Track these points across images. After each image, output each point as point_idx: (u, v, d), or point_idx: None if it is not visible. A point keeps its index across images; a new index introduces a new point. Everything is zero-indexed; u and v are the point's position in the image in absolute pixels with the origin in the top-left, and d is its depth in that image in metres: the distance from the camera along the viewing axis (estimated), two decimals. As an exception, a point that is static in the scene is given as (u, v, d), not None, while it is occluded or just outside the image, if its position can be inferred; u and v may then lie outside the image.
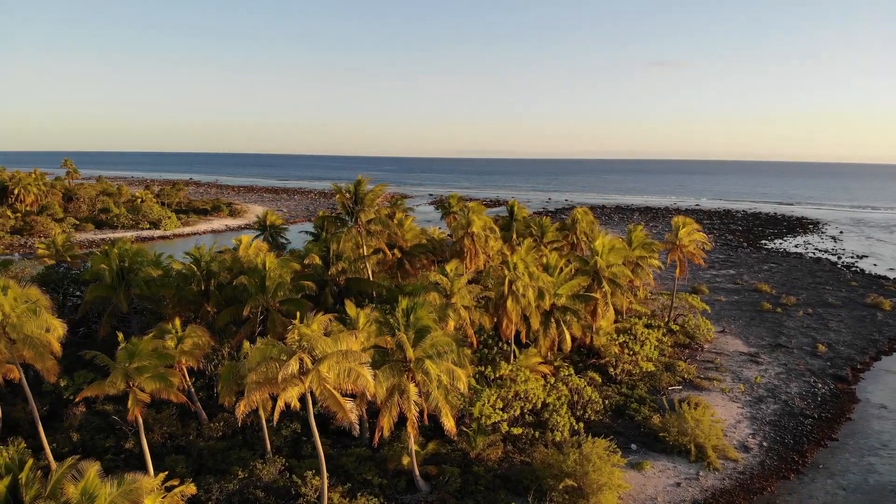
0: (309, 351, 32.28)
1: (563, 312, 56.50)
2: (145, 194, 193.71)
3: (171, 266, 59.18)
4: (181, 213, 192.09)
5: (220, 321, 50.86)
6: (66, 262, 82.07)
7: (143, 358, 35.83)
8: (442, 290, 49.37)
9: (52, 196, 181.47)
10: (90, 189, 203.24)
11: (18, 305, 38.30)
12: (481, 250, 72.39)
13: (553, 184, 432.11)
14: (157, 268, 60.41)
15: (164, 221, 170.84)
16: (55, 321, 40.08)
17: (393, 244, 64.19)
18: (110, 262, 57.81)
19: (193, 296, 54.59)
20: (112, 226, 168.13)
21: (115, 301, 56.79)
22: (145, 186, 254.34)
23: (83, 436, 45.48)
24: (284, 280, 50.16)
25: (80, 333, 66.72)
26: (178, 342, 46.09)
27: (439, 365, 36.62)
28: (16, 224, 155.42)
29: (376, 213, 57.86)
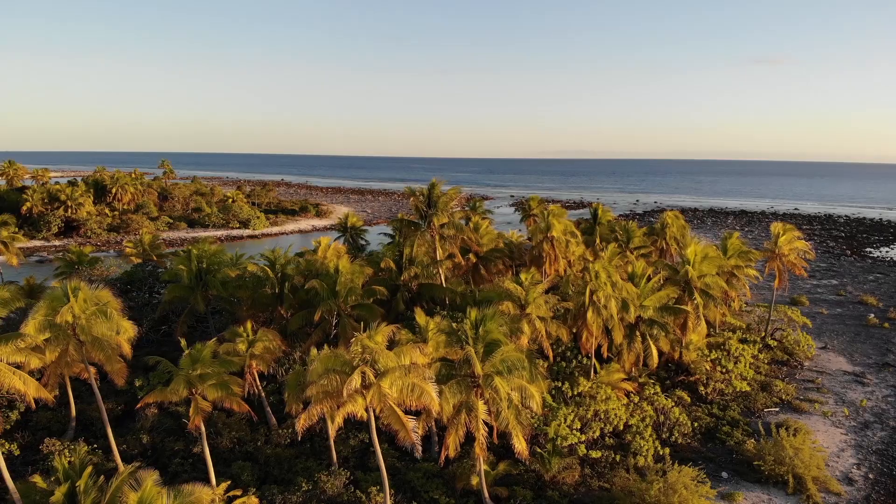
0: (371, 364, 30.52)
1: (650, 326, 52.66)
2: (236, 194, 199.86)
3: (246, 268, 59.24)
4: (270, 213, 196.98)
5: (293, 325, 50.19)
6: (153, 261, 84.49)
7: (206, 365, 35.11)
8: (516, 299, 46.75)
9: (148, 195, 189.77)
10: (184, 189, 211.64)
11: (88, 307, 38.46)
12: (561, 255, 69.27)
13: (641, 185, 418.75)
14: (235, 269, 60.76)
15: (253, 221, 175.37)
16: (126, 323, 40.16)
17: (467, 249, 62.00)
18: (189, 262, 58.52)
19: (267, 299, 54.27)
20: (203, 225, 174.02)
21: (192, 301, 57.33)
22: (237, 187, 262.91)
23: (153, 438, 45.62)
24: (355, 285, 48.94)
25: (162, 331, 68.15)
26: (249, 346, 45.65)
27: (510, 382, 34.10)
28: (113, 221, 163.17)
29: (450, 217, 55.84)
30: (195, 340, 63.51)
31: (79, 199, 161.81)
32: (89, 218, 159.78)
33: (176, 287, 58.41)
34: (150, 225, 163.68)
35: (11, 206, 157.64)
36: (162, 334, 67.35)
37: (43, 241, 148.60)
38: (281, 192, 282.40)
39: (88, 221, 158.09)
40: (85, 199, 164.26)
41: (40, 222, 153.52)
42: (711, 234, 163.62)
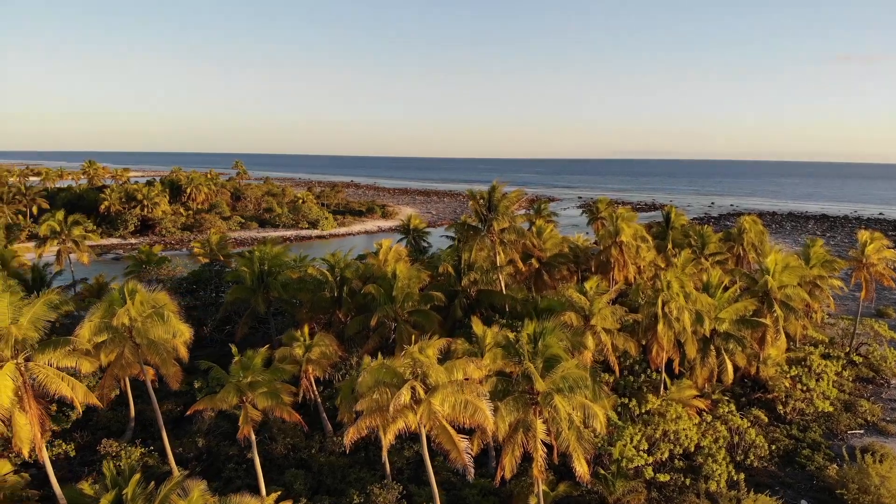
0: (422, 379, 29.02)
1: (725, 339, 49.28)
2: (306, 195, 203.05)
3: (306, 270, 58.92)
4: (338, 213, 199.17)
5: (350, 330, 49.36)
6: (220, 261, 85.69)
7: (256, 373, 34.40)
8: (580, 309, 44.39)
9: (222, 195, 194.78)
10: (256, 189, 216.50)
11: (145, 309, 38.45)
12: (630, 261, 66.19)
13: (716, 187, 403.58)
14: (296, 271, 60.62)
15: (321, 222, 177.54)
16: (182, 326, 40.01)
17: (529, 254, 59.84)
18: (251, 264, 58.61)
19: (326, 302, 53.72)
20: (274, 225, 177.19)
21: (254, 303, 57.37)
22: (308, 188, 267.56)
23: (209, 441, 45.51)
24: (412, 291, 47.66)
25: (226, 331, 68.80)
26: (306, 350, 45.06)
27: (571, 400, 31.93)
28: (187, 221, 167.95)
29: (511, 222, 53.82)
30: (257, 342, 64.38)
31: (155, 198, 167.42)
32: (164, 217, 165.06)
33: (238, 288, 58.64)
34: (222, 224, 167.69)
35: (91, 204, 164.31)
36: (225, 334, 67.97)
37: (119, 239, 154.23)
38: (350, 194, 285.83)
39: (163, 220, 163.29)
40: (161, 198, 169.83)
41: (118, 221, 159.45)
42: (791, 239, 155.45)
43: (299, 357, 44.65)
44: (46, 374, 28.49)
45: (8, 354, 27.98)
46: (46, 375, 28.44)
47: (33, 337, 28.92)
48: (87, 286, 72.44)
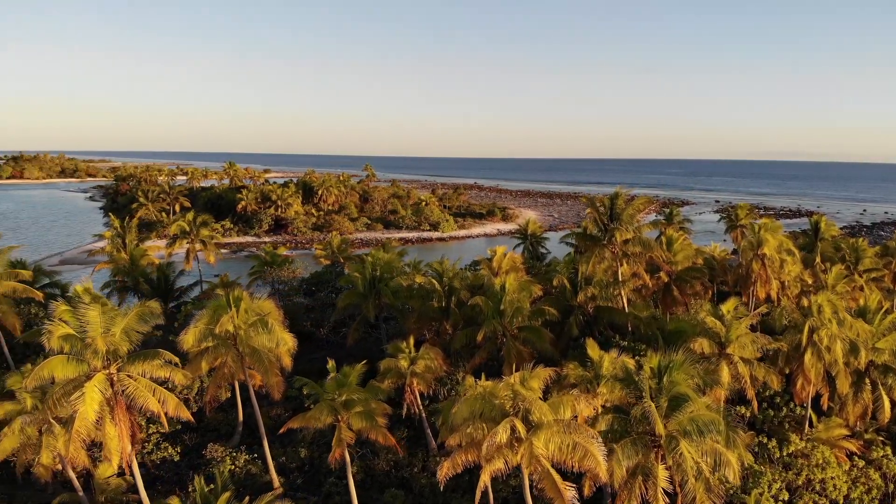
0: (524, 415, 25.77)
1: (884, 372, 42.16)
2: (429, 198, 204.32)
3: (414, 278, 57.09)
4: (459, 216, 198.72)
5: (456, 343, 46.81)
6: (340, 263, 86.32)
7: (352, 391, 32.53)
8: (714, 335, 39.20)
9: (350, 197, 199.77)
10: (383, 192, 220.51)
11: (249, 317, 37.80)
12: (773, 276, 59.21)
13: (871, 192, 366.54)
14: (407, 278, 59.05)
15: (442, 224, 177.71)
16: (286, 335, 39.09)
17: (657, 267, 54.58)
18: (364, 270, 57.67)
19: (434, 312, 51.56)
20: (398, 226, 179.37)
21: (364, 309, 56.34)
22: (432, 190, 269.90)
23: (312, 452, 44.46)
24: (522, 305, 44.35)
25: (342, 333, 68.59)
26: (411, 363, 43.07)
27: (700, 446, 27.50)
28: (317, 221, 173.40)
29: (636, 232, 49.00)
30: (369, 347, 63.53)
31: (288, 199, 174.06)
32: (296, 217, 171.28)
33: (350, 294, 57.88)
34: (349, 225, 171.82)
35: (229, 204, 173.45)
36: (341, 336, 67.74)
37: (254, 237, 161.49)
38: (472, 196, 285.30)
39: (295, 220, 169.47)
40: (294, 199, 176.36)
41: (253, 220, 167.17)
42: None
43: (404, 369, 42.76)
44: (136, 387, 28.00)
45: (98, 365, 27.74)
46: (136, 388, 27.95)
47: (125, 348, 28.55)
48: (211, 285, 74.93)
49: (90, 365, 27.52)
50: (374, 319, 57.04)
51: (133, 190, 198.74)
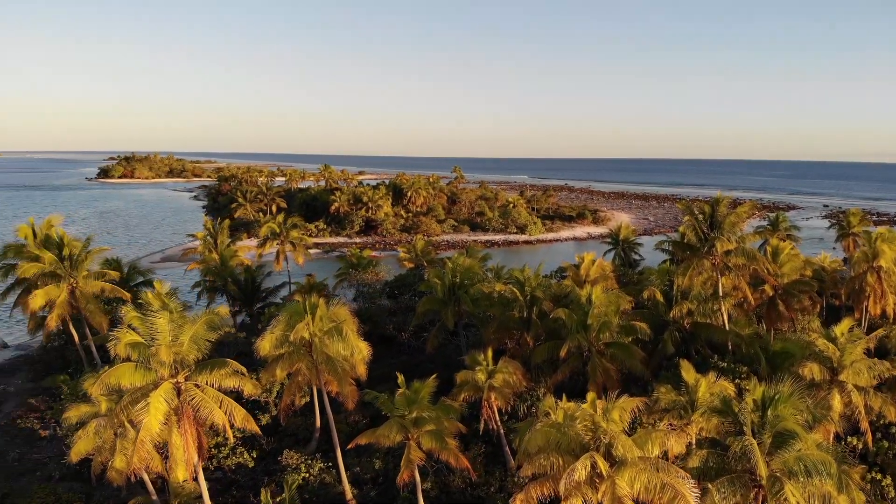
0: (605, 450, 23.27)
1: None
2: (517, 199, 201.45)
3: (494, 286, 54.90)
4: (547, 218, 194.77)
5: (537, 357, 44.37)
6: (424, 266, 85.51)
7: (423, 408, 30.87)
8: (825, 360, 35.03)
9: (438, 199, 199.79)
10: (470, 193, 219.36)
11: (325, 325, 36.96)
12: (890, 291, 53.59)
13: None
14: (489, 285, 57.09)
15: (529, 227, 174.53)
16: (361, 343, 38.12)
17: (760, 280, 50.09)
18: (444, 275, 56.22)
19: (514, 323, 49.26)
20: (484, 229, 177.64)
21: (443, 316, 54.84)
22: (520, 192, 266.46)
23: (387, 463, 43.13)
24: (610, 319, 41.38)
25: (423, 339, 67.51)
26: (489, 376, 41.07)
27: (806, 488, 24.12)
28: (406, 223, 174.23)
29: (739, 242, 44.91)
30: (449, 354, 62.00)
31: (378, 201, 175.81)
32: (386, 219, 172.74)
33: (429, 300, 56.53)
34: (436, 227, 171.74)
35: (323, 205, 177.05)
36: (422, 341, 66.69)
37: (346, 238, 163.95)
38: (562, 197, 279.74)
39: (385, 222, 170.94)
40: (384, 201, 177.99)
41: (345, 221, 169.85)
42: None
43: (481, 383, 40.79)
44: (202, 398, 27.42)
45: (166, 374, 27.36)
46: (202, 399, 27.38)
47: (193, 356, 28.07)
48: (299, 286, 75.69)
49: (157, 373, 27.21)
50: (453, 327, 55.41)
51: (234, 190, 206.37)
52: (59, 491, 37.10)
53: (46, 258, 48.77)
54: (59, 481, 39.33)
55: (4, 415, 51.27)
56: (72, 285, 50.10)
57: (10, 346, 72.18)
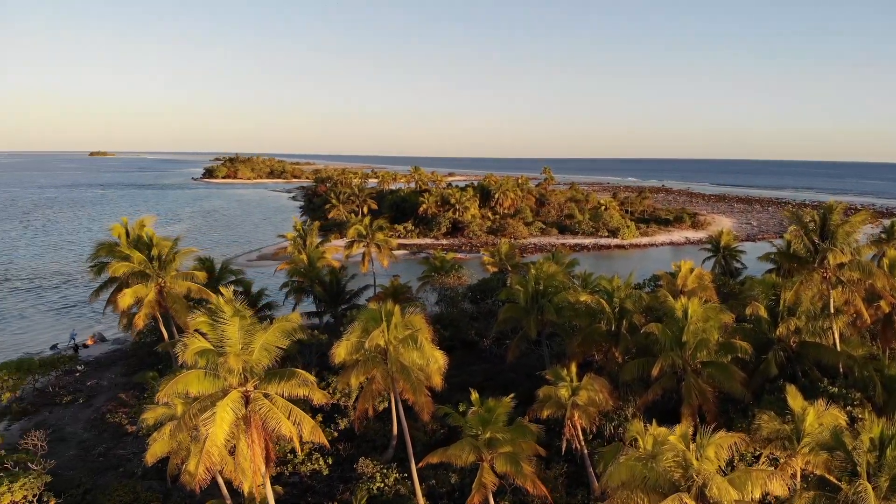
0: (697, 491, 20.78)
1: None
2: (609, 202, 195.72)
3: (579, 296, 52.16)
4: (642, 222, 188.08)
5: (626, 374, 41.59)
6: (508, 271, 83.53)
7: (497, 428, 29.08)
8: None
9: (526, 201, 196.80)
10: (560, 195, 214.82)
11: (400, 332, 35.87)
12: None
13: None
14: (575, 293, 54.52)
15: (622, 230, 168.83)
16: (437, 353, 36.74)
17: (876, 295, 45.17)
18: (526, 283, 54.14)
19: (601, 336, 46.55)
20: (574, 231, 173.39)
21: (525, 325, 52.74)
22: (613, 194, 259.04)
23: (463, 478, 41.54)
24: (708, 337, 38.15)
25: (505, 346, 65.67)
26: (572, 393, 38.83)
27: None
28: (492, 225, 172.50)
29: (854, 254, 40.48)
30: (531, 364, 59.83)
31: (465, 202, 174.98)
32: (472, 220, 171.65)
33: (511, 307, 54.53)
34: (523, 230, 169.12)
35: (412, 207, 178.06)
36: (504, 348, 64.87)
37: (433, 240, 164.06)
38: (659, 199, 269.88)
39: (472, 224, 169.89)
40: (471, 202, 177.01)
41: (433, 222, 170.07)
42: None
43: (564, 400, 38.59)
44: (270, 408, 26.72)
45: (234, 382, 26.85)
46: (270, 409, 26.68)
47: (263, 364, 27.48)
48: (383, 289, 75.50)
49: (226, 381, 26.79)
50: (535, 336, 53.23)
51: (328, 192, 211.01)
52: (139, 489, 37.77)
53: (136, 258, 50.26)
54: (140, 479, 40.11)
55: (95, 409, 53.23)
56: (160, 285, 51.50)
57: (108, 340, 75.68)
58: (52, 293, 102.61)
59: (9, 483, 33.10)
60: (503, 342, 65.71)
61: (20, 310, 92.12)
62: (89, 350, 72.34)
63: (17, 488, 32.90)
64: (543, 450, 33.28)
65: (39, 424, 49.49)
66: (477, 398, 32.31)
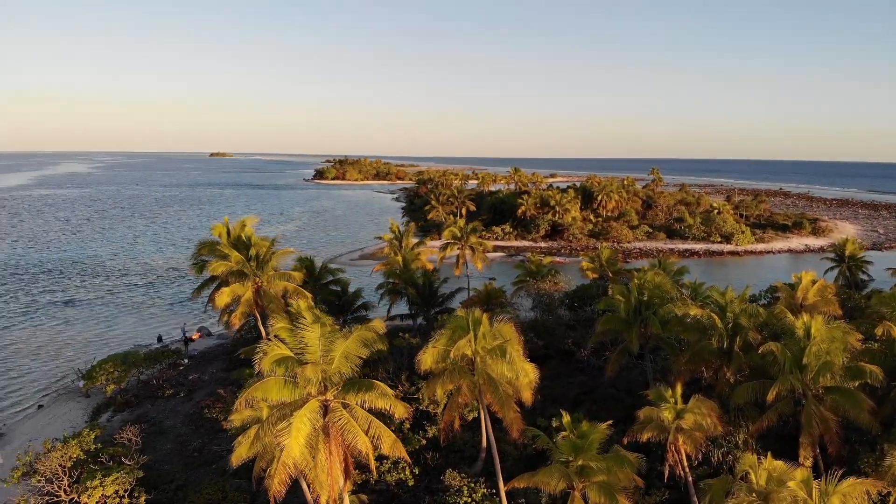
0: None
1: None
2: (722, 205, 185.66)
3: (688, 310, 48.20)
4: (758, 227, 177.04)
5: (738, 398, 37.75)
6: (609, 278, 79.83)
7: (589, 456, 26.64)
8: None
9: (632, 203, 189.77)
10: (669, 197, 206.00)
11: (488, 342, 34.05)
12: None
13: None
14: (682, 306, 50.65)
15: (736, 236, 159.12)
16: (527, 366, 34.77)
17: None
18: (628, 293, 50.81)
19: (711, 354, 42.69)
20: (683, 236, 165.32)
21: (626, 339, 49.47)
22: (726, 197, 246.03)
23: (554, 500, 39.16)
24: (831, 360, 33.93)
25: (604, 358, 62.43)
26: (677, 416, 35.65)
27: None
28: (594, 228, 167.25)
29: None
30: (633, 380, 56.36)
31: (566, 204, 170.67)
32: (573, 223, 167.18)
33: (611, 318, 51.25)
34: (628, 233, 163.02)
35: (510, 209, 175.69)
36: (603, 360, 61.65)
37: (531, 242, 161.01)
38: (776, 204, 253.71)
39: (572, 227, 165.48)
40: (572, 205, 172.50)
41: (531, 224, 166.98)
42: None
43: (667, 423, 35.44)
44: (348, 420, 25.59)
45: (313, 392, 25.90)
46: (348, 421, 25.55)
47: (343, 373, 26.38)
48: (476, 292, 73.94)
49: (305, 390, 25.92)
50: (637, 350, 49.82)
51: (429, 193, 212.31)
52: (227, 488, 37.88)
53: (234, 257, 51.15)
54: (231, 477, 40.29)
55: (194, 403, 54.59)
56: (257, 284, 52.21)
57: (213, 335, 78.31)
58: (165, 288, 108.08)
59: (101, 477, 33.93)
60: (602, 353, 62.41)
61: (135, 303, 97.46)
62: (195, 344, 75.12)
63: (108, 483, 33.67)
64: (641, 480, 30.46)
65: (141, 417, 51.28)
66: (569, 421, 29.91)
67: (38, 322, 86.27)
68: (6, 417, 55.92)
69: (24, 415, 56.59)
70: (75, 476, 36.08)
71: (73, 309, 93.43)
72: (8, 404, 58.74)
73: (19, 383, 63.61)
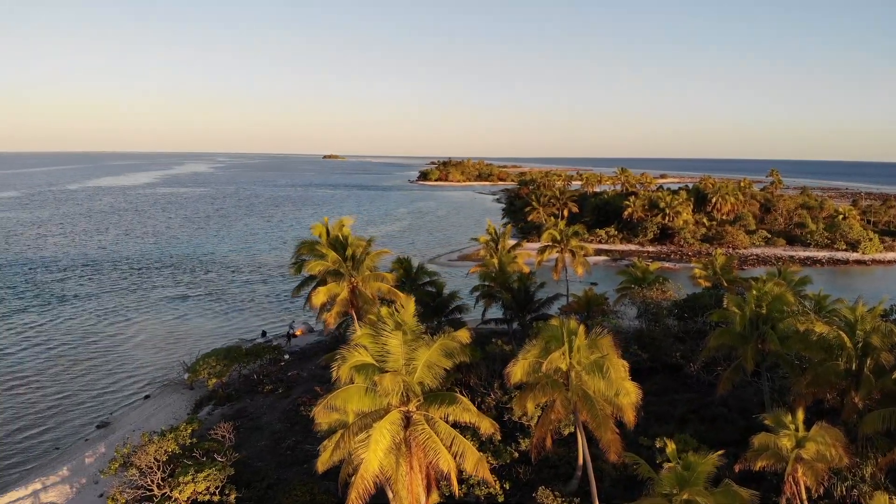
0: None
1: None
2: (848, 210, 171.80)
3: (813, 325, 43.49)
4: (887, 234, 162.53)
5: (868, 426, 33.58)
6: (723, 287, 74.72)
7: (697, 491, 23.90)
8: None
9: (749, 206, 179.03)
10: (789, 201, 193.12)
11: (584, 356, 31.79)
12: None
13: None
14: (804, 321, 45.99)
15: (863, 243, 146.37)
16: (629, 384, 32.26)
17: None
18: (744, 305, 46.70)
19: (837, 376, 38.20)
20: (804, 243, 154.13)
21: (741, 355, 45.45)
22: (852, 201, 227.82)
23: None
24: None
25: (716, 374, 58.12)
26: (796, 445, 32.09)
27: None
28: (708, 232, 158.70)
29: None
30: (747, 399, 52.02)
31: (677, 207, 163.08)
32: (684, 227, 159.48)
33: (724, 332, 47.30)
34: (744, 238, 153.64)
35: (616, 210, 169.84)
36: (714, 376, 57.36)
37: (637, 246, 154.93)
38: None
39: (683, 230, 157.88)
40: (683, 207, 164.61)
41: (638, 227, 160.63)
42: None
43: (785, 451, 31.98)
44: (430, 434, 24.18)
45: (394, 402, 24.69)
46: (430, 435, 24.14)
47: (426, 384, 25.01)
48: (575, 299, 71.16)
49: (386, 399, 24.79)
50: (753, 368, 45.67)
51: (530, 194, 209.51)
52: (315, 490, 37.46)
53: (331, 257, 51.31)
54: (320, 479, 39.94)
55: (291, 400, 55.07)
56: (352, 284, 52.14)
57: (315, 331, 79.68)
58: (275, 285, 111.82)
59: (194, 473, 34.40)
60: (713, 369, 58.06)
61: (244, 299, 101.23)
62: (296, 340, 76.68)
63: (200, 479, 34.08)
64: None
65: (240, 411, 52.29)
66: (673, 451, 27.17)
67: (153, 315, 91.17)
68: (115, 407, 58.88)
69: (132, 405, 59.40)
70: (169, 470, 36.89)
71: (185, 303, 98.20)
72: (120, 396, 61.78)
73: (132, 374, 67.05)
